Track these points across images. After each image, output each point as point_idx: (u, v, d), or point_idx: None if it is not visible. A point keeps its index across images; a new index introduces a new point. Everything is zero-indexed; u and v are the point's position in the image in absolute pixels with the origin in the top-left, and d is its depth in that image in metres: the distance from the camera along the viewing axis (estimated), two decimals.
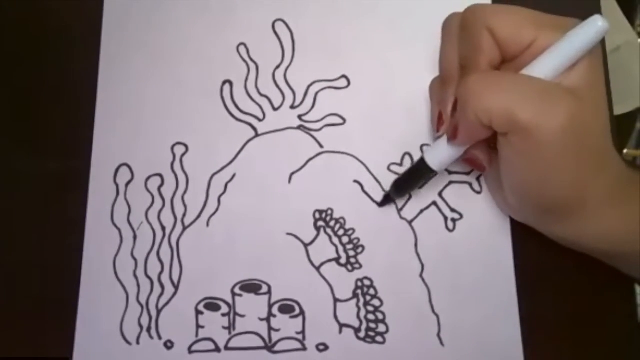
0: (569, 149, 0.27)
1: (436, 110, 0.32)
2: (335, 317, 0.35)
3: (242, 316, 0.35)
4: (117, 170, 0.36)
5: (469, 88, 0.28)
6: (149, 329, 0.34)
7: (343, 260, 0.35)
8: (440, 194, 0.36)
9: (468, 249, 0.35)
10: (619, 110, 0.50)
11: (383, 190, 0.36)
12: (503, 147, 0.30)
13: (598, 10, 0.40)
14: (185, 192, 0.36)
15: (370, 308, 0.35)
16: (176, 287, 0.35)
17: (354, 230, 0.36)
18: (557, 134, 0.27)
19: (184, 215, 0.36)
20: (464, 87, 0.29)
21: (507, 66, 0.31)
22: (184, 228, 0.36)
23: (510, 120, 0.27)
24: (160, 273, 0.35)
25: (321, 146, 0.37)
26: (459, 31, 0.31)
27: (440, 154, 0.32)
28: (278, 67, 0.38)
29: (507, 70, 0.31)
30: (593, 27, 0.27)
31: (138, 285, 0.35)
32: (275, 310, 0.35)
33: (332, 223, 0.36)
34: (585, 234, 0.31)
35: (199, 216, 0.36)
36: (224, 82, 0.38)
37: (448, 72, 0.32)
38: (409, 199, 0.36)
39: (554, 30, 0.28)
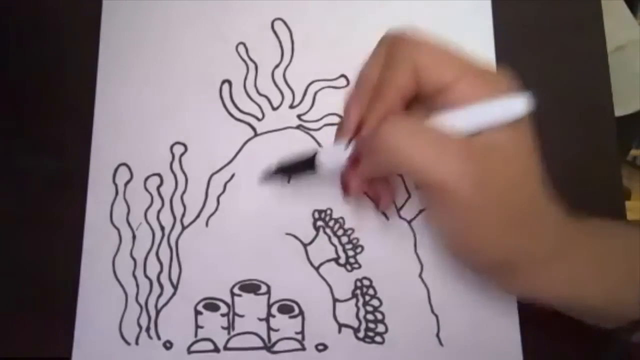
0: (488, 208, 0.26)
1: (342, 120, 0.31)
2: (335, 317, 0.35)
3: (241, 316, 0.35)
4: (116, 170, 0.36)
5: (384, 133, 0.26)
6: (148, 329, 0.34)
7: (342, 260, 0.35)
8: None
9: None
10: (620, 111, 0.49)
11: None
12: (423, 199, 0.29)
13: (599, 10, 0.39)
14: (184, 192, 0.36)
15: (369, 308, 0.35)
16: (175, 287, 0.35)
17: (353, 230, 0.35)
18: (473, 196, 0.26)
19: (183, 215, 0.36)
20: (380, 130, 0.27)
21: (417, 105, 0.29)
22: (183, 228, 0.36)
23: (424, 179, 0.26)
24: (160, 273, 0.35)
25: (320, 146, 0.37)
26: (383, 53, 0.30)
27: (335, 160, 0.30)
28: (277, 66, 0.38)
29: (418, 109, 0.29)
30: (512, 105, 0.26)
31: (137, 286, 0.35)
32: (274, 310, 0.35)
33: (331, 223, 0.36)
34: (529, 291, 0.29)
35: (198, 216, 0.36)
36: (223, 82, 0.37)
37: (360, 87, 0.30)
38: (407, 199, 0.36)
39: (474, 83, 0.27)
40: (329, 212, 0.36)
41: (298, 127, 0.37)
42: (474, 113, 0.27)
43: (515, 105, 0.26)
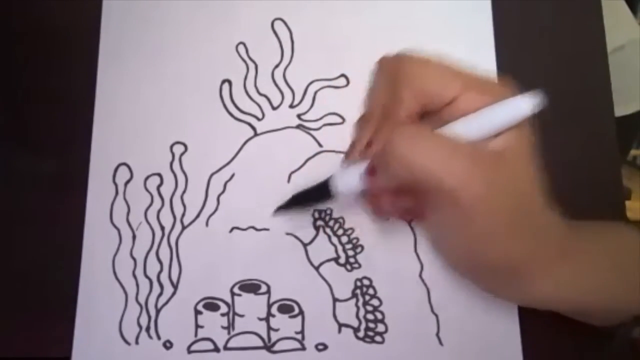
0: (498, 213, 0.27)
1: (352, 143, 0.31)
2: (335, 316, 0.35)
3: (241, 316, 0.35)
4: (116, 169, 0.36)
5: (395, 143, 0.27)
6: (148, 329, 0.34)
7: (342, 260, 0.35)
8: None
9: None
10: (620, 111, 0.49)
11: None
12: (431, 207, 0.29)
13: (599, 10, 0.39)
14: (184, 191, 0.36)
15: (369, 308, 0.35)
16: (175, 287, 0.35)
17: (353, 229, 0.35)
18: (483, 199, 0.26)
19: (183, 214, 0.36)
20: (390, 141, 0.27)
21: (426, 119, 0.30)
22: (183, 228, 0.36)
23: (436, 184, 0.26)
24: (160, 273, 0.35)
25: (320, 145, 0.37)
26: (385, 77, 0.30)
27: (351, 183, 0.30)
28: (277, 66, 0.38)
29: (427, 123, 0.30)
30: (518, 106, 0.26)
31: (137, 285, 0.35)
32: (274, 310, 0.35)
33: (331, 222, 0.36)
34: (536, 297, 0.30)
35: (198, 216, 0.36)
36: (223, 82, 0.38)
37: (369, 112, 0.31)
38: None
39: (479, 92, 0.28)
40: (328, 211, 0.36)
41: (298, 126, 0.37)
42: (479, 119, 0.27)
43: (520, 105, 0.26)
